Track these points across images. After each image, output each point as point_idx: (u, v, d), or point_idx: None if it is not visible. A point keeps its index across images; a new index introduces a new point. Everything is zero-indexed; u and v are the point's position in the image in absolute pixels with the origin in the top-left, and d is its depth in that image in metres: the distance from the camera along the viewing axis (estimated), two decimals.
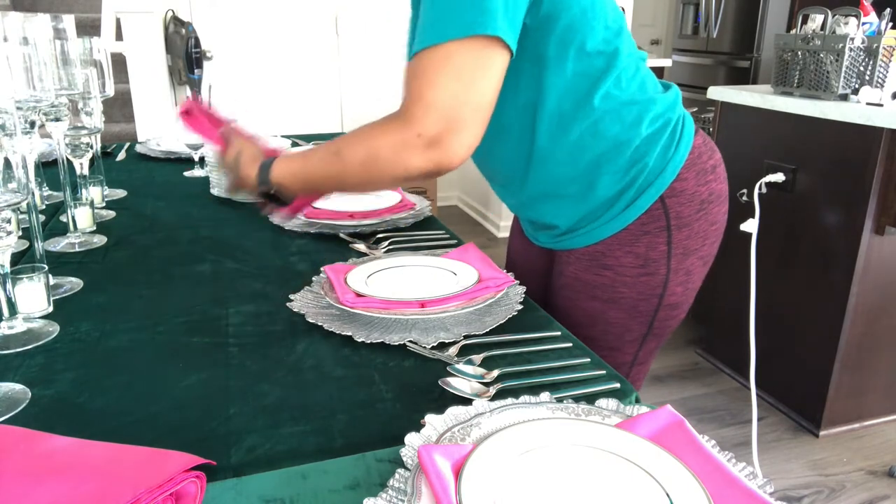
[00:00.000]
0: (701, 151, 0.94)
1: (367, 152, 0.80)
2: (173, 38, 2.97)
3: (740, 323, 2.23)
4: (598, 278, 0.97)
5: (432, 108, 0.75)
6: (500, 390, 0.68)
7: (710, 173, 0.95)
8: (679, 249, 0.94)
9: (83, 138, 1.20)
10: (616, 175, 0.91)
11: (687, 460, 0.53)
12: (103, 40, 2.24)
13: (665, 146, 0.91)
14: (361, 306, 0.82)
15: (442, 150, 0.76)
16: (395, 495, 0.51)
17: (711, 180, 0.95)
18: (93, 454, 0.55)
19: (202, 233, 1.22)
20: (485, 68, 0.75)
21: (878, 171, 1.81)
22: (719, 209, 0.98)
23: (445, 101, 0.74)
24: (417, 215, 1.26)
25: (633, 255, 0.94)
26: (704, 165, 0.94)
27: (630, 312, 0.98)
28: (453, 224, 4.03)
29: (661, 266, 0.94)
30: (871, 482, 1.89)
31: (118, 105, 3.26)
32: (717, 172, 0.97)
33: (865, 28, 1.94)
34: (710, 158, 0.96)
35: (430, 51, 0.74)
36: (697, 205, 0.93)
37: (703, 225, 0.95)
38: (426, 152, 0.76)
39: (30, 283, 0.84)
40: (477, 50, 0.74)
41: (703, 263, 0.99)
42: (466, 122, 0.76)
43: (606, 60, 0.87)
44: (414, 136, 0.76)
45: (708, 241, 0.97)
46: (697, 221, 0.94)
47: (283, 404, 0.67)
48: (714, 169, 0.96)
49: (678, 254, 0.94)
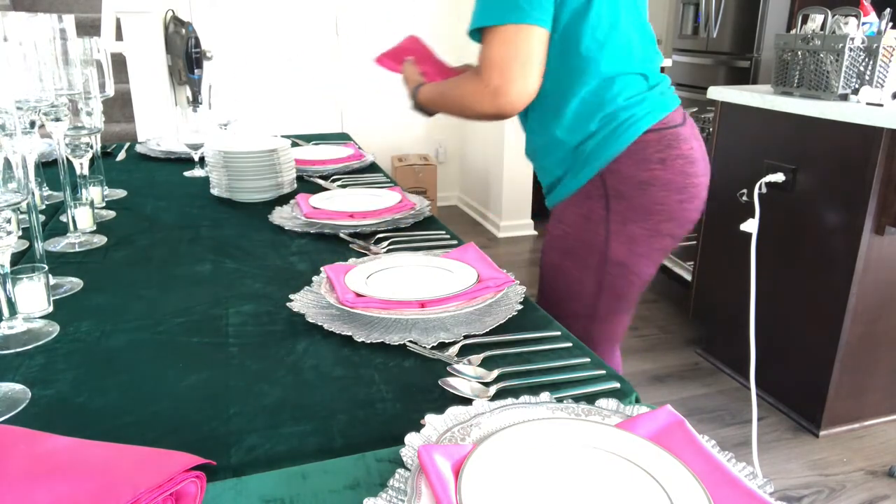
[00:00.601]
0: (650, 145, 1.14)
1: (458, 96, 1.16)
2: (173, 38, 2.97)
3: (740, 323, 2.23)
4: (556, 231, 1.23)
5: (491, 68, 1.06)
6: (500, 390, 0.68)
7: (655, 163, 1.14)
8: (617, 216, 1.16)
9: (83, 138, 1.20)
10: (567, 154, 1.19)
11: (687, 460, 0.53)
12: (103, 40, 2.24)
13: (605, 137, 1.14)
14: (361, 306, 0.82)
15: (501, 97, 1.07)
16: (395, 495, 0.51)
17: (656, 169, 1.14)
18: (93, 454, 0.55)
19: (202, 233, 1.22)
20: (526, 42, 1.05)
21: (878, 171, 1.81)
22: (666, 195, 1.15)
23: (500, 63, 1.06)
24: (417, 215, 1.26)
25: (579, 215, 1.19)
26: (650, 156, 1.14)
27: (580, 263, 1.21)
28: (453, 224, 4.03)
29: (600, 226, 1.17)
30: (871, 482, 1.89)
31: (118, 105, 3.27)
32: (669, 165, 1.14)
33: (865, 28, 1.94)
34: (662, 153, 1.14)
35: (486, 30, 1.07)
36: (636, 185, 1.14)
37: (644, 202, 1.15)
38: (491, 99, 1.08)
39: (30, 283, 0.84)
40: (517, 30, 1.05)
41: (651, 236, 1.17)
42: (516, 78, 1.06)
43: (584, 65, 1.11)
44: (482, 87, 1.08)
45: (653, 219, 1.16)
46: (637, 198, 1.15)
47: (283, 404, 0.67)
48: (664, 161, 1.14)
49: (616, 219, 1.17)
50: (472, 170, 4.32)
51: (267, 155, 1.39)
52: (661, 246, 1.20)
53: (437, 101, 1.25)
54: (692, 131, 1.22)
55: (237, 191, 1.40)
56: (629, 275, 1.20)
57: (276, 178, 1.41)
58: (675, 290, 3.01)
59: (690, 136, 1.19)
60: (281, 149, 1.42)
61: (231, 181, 1.40)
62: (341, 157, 1.74)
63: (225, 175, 1.40)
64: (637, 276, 1.21)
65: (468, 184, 4.42)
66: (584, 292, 1.22)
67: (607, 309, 1.23)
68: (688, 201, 1.18)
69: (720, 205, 2.36)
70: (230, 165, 1.38)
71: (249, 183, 1.39)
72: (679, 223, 1.19)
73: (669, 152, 1.15)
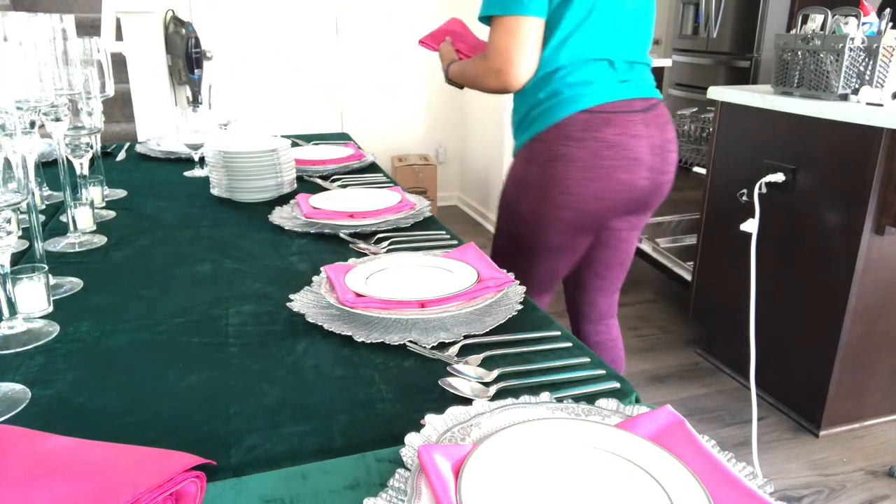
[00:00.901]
0: (577, 123, 1.27)
1: (472, 74, 1.38)
2: (173, 38, 2.97)
3: (740, 323, 2.23)
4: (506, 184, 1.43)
5: (495, 52, 1.26)
6: (500, 390, 0.68)
7: (573, 140, 1.27)
8: (530, 179, 1.34)
9: (83, 138, 1.20)
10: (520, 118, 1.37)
11: (687, 460, 0.53)
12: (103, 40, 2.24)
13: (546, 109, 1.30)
14: (361, 306, 0.82)
15: (503, 76, 1.27)
16: (395, 495, 0.51)
17: (571, 145, 1.28)
18: (93, 454, 0.55)
19: (202, 233, 1.22)
20: (527, 30, 1.23)
21: (878, 171, 1.81)
22: (571, 170, 1.28)
23: (501, 47, 1.25)
24: (417, 215, 1.26)
25: (513, 171, 1.39)
26: (571, 133, 1.27)
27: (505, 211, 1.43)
28: (453, 224, 4.03)
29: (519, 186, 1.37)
30: (871, 482, 1.89)
31: (118, 105, 3.27)
32: (585, 144, 1.27)
33: (865, 28, 1.94)
34: (583, 133, 1.27)
35: (492, 18, 1.26)
36: (551, 155, 1.30)
37: (551, 173, 1.30)
38: (495, 77, 1.29)
39: (30, 283, 0.84)
40: (516, 20, 1.23)
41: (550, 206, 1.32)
42: (515, 61, 1.25)
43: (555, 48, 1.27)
44: (488, 68, 1.29)
45: (554, 189, 1.30)
46: (547, 168, 1.30)
47: (283, 404, 0.67)
48: (581, 140, 1.27)
49: (528, 183, 1.34)
50: (472, 170, 4.32)
51: (267, 155, 1.39)
52: (559, 216, 1.33)
53: (460, 77, 1.46)
54: (646, 126, 1.31)
55: (237, 191, 1.40)
56: (533, 236, 1.38)
57: (276, 178, 1.41)
58: (675, 290, 3.01)
59: (636, 126, 1.29)
60: (281, 149, 1.42)
61: (231, 181, 1.40)
62: (341, 157, 1.74)
63: (225, 175, 1.40)
64: (541, 239, 1.37)
65: (468, 184, 4.42)
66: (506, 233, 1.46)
67: (523, 259, 1.41)
68: (592, 181, 1.28)
69: (720, 205, 2.36)
70: (230, 165, 1.38)
71: (249, 183, 1.39)
72: (579, 199, 1.30)
73: (591, 133, 1.27)
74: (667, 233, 3.26)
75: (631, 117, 1.28)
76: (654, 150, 1.32)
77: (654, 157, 1.32)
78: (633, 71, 1.33)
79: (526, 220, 1.36)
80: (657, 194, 1.39)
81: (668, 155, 1.36)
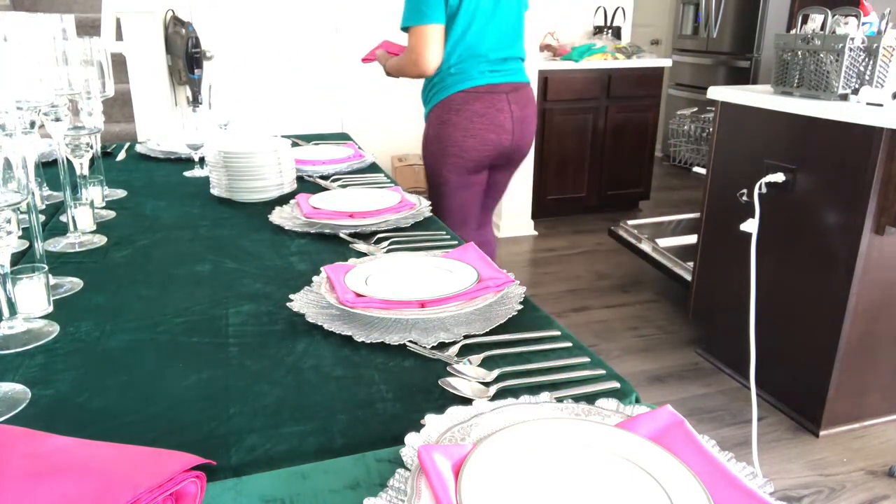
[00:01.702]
0: (456, 99, 1.91)
1: (400, 66, 1.96)
2: (173, 38, 2.97)
3: (740, 323, 2.23)
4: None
5: (412, 50, 1.86)
6: (500, 390, 0.68)
7: (453, 111, 1.92)
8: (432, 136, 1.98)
9: (83, 138, 1.20)
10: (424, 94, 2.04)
11: (687, 460, 0.53)
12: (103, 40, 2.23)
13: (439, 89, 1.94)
14: (361, 306, 0.82)
15: (419, 67, 1.87)
16: (395, 495, 0.51)
17: (453, 114, 1.92)
18: (93, 454, 0.55)
19: (202, 233, 1.22)
20: (430, 34, 1.82)
21: (878, 171, 1.81)
22: (453, 132, 1.92)
23: (416, 47, 1.84)
24: (417, 215, 1.26)
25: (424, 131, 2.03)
26: (453, 106, 1.92)
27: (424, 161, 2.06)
28: None
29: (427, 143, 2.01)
30: (871, 482, 1.89)
31: (118, 105, 3.27)
32: (462, 114, 1.91)
33: (865, 28, 1.94)
34: (460, 106, 1.91)
35: (410, 28, 1.85)
36: (442, 121, 1.94)
37: (442, 133, 1.94)
38: (414, 68, 1.89)
39: (30, 283, 0.84)
40: (425, 28, 1.82)
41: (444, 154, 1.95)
42: (425, 55, 1.84)
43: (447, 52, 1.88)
44: (408, 60, 1.89)
45: (444, 143, 1.94)
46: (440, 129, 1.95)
47: (283, 404, 0.67)
48: (459, 111, 1.91)
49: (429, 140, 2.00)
50: None
51: (267, 155, 1.39)
52: (453, 163, 1.96)
53: (394, 69, 2.01)
54: (509, 104, 1.94)
55: (237, 191, 1.40)
56: (441, 177, 2.00)
57: (276, 178, 1.41)
58: (675, 290, 3.01)
59: (500, 103, 1.93)
60: (281, 149, 1.42)
61: (231, 181, 1.40)
62: (341, 157, 1.74)
63: (225, 175, 1.40)
64: (444, 178, 2.00)
65: None
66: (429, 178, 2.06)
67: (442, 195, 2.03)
68: (469, 139, 1.93)
69: (720, 205, 2.36)
70: (230, 165, 1.38)
71: (249, 183, 1.39)
72: (461, 149, 1.94)
73: (466, 106, 1.91)
74: (667, 233, 3.26)
75: (496, 97, 1.92)
76: (514, 121, 1.95)
77: (514, 125, 1.96)
78: (505, 64, 1.94)
79: (435, 166, 1.99)
80: (519, 153, 2.05)
81: (527, 125, 2.01)
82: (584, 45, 3.98)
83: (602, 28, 4.33)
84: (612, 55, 4.02)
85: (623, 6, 4.40)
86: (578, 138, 4.03)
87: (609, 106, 4.04)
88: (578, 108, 3.98)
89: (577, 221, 4.15)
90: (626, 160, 4.17)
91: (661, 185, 4.88)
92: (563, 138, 4.00)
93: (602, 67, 3.95)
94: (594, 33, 4.34)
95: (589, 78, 3.94)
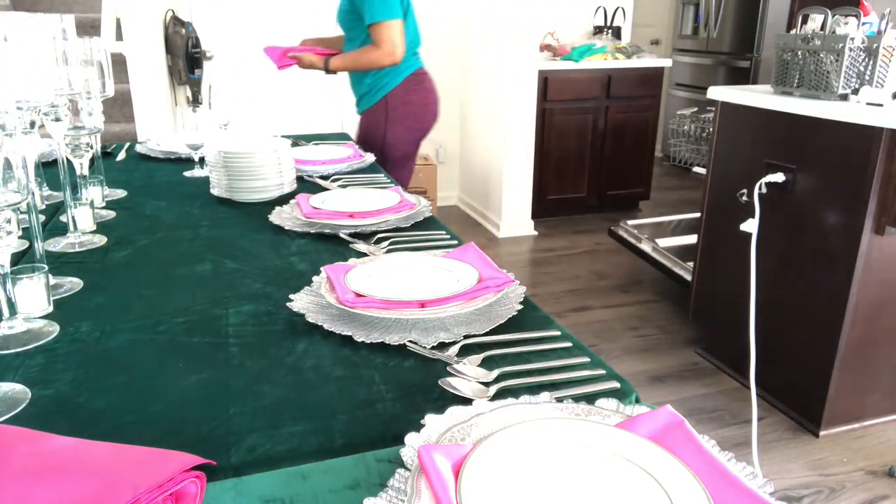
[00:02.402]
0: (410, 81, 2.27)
1: (367, 59, 2.16)
2: (173, 38, 2.97)
3: (740, 323, 2.23)
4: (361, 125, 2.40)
5: (385, 43, 2.10)
6: (500, 390, 0.68)
7: (411, 92, 2.26)
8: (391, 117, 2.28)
9: (83, 138, 1.20)
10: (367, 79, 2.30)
11: (687, 460, 0.53)
12: (103, 40, 2.23)
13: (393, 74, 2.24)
14: (361, 306, 0.82)
15: (392, 57, 2.11)
16: (395, 495, 0.51)
17: (411, 92, 2.27)
18: (93, 454, 0.55)
19: (202, 233, 1.22)
20: (394, 27, 2.09)
21: (878, 171, 1.81)
22: (415, 107, 2.30)
23: (388, 41, 2.10)
24: (417, 215, 1.26)
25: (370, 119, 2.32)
26: (410, 88, 2.27)
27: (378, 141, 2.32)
28: (453, 224, 4.03)
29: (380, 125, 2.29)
30: (871, 482, 1.89)
31: (118, 105, 3.26)
32: (417, 92, 2.29)
33: (865, 28, 1.94)
34: (416, 86, 2.29)
35: (379, 23, 2.08)
36: (404, 100, 2.26)
37: (394, 116, 2.27)
38: (388, 58, 2.12)
39: (30, 283, 0.84)
40: (397, 22, 2.10)
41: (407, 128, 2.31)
42: (399, 44, 2.11)
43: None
44: (382, 53, 2.11)
45: (410, 117, 2.30)
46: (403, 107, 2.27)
47: (283, 404, 0.67)
48: (414, 90, 2.28)
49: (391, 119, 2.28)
50: (472, 170, 4.32)
51: (267, 155, 1.39)
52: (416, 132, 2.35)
53: (350, 65, 2.21)
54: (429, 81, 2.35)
55: (237, 191, 1.40)
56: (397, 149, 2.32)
57: (276, 178, 1.41)
58: (675, 290, 3.01)
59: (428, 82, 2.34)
60: (281, 149, 1.42)
61: (231, 181, 1.40)
62: (341, 157, 1.74)
63: (225, 175, 1.40)
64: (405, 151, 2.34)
65: (468, 184, 4.41)
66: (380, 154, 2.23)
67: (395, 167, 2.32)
68: (424, 109, 2.33)
69: (720, 205, 2.36)
70: (230, 165, 1.38)
71: (249, 183, 1.39)
72: (420, 120, 2.33)
73: (420, 85, 2.31)
74: (667, 233, 3.26)
75: (425, 77, 2.33)
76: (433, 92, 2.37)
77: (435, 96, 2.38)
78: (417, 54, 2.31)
79: (392, 142, 2.29)
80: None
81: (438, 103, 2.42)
82: (584, 45, 3.98)
83: (602, 28, 4.33)
84: (612, 55, 4.02)
85: (623, 6, 4.40)
86: (578, 138, 4.03)
87: (609, 106, 4.04)
88: (578, 108, 3.98)
89: (577, 221, 4.15)
90: (626, 160, 4.17)
91: (661, 185, 4.88)
92: (563, 138, 4.00)
93: (602, 67, 3.95)
94: (594, 33, 4.34)
95: (589, 78, 3.94)
